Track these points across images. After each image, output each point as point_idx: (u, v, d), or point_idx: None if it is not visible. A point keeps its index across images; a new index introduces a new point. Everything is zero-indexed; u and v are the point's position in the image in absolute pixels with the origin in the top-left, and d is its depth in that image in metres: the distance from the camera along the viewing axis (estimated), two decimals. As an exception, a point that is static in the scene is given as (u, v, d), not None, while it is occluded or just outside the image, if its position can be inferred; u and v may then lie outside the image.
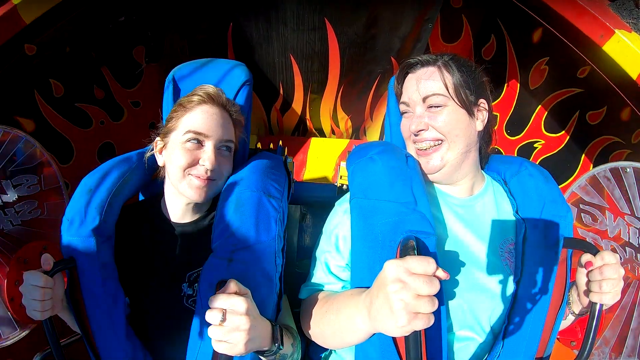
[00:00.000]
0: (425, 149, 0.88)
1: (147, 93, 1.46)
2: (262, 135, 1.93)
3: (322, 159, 1.84)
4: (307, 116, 1.68)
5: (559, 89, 1.35)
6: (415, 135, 0.88)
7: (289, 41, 1.41)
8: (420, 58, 0.92)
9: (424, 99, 0.87)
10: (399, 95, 0.97)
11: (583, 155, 1.34)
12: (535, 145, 1.48)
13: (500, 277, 0.83)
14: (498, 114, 1.65)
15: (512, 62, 1.47)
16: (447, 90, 0.86)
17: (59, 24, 1.18)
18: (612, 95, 1.20)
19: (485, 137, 0.96)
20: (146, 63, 1.43)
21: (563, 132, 1.40)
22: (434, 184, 0.93)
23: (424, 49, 1.45)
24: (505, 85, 1.58)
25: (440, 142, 0.87)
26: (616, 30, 1.01)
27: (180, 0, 1.37)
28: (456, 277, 0.82)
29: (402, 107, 0.94)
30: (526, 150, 1.52)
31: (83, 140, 1.33)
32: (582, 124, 1.34)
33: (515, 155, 1.58)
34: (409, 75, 0.93)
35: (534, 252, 0.81)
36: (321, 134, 1.74)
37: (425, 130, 0.87)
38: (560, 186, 1.08)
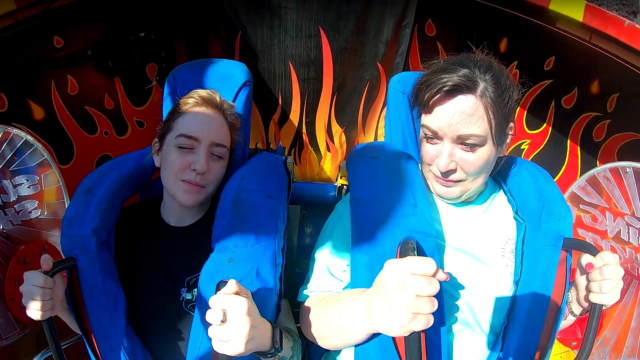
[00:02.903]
0: (447, 180, 0.81)
1: (152, 116, 1.49)
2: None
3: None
4: (304, 129, 1.69)
5: (531, 87, 1.42)
6: (443, 173, 0.80)
7: (288, 49, 1.49)
8: (460, 78, 0.73)
9: (459, 137, 0.76)
10: (420, 105, 0.82)
11: (568, 141, 1.37)
12: (522, 147, 1.52)
13: (500, 277, 0.83)
14: None
15: None
16: (491, 132, 0.76)
17: (86, 24, 1.25)
18: (579, 73, 1.27)
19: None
20: (156, 81, 1.47)
21: (545, 125, 1.43)
22: None
23: (404, 54, 1.53)
24: None
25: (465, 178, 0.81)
26: None
27: (189, 22, 1.44)
28: (455, 278, 0.82)
29: (427, 132, 0.81)
30: (514, 154, 1.54)
31: (85, 145, 1.34)
32: (559, 111, 1.37)
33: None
34: (442, 97, 0.76)
35: (533, 253, 0.81)
36: (316, 150, 1.76)
37: (454, 172, 0.80)
38: (554, 178, 1.10)
